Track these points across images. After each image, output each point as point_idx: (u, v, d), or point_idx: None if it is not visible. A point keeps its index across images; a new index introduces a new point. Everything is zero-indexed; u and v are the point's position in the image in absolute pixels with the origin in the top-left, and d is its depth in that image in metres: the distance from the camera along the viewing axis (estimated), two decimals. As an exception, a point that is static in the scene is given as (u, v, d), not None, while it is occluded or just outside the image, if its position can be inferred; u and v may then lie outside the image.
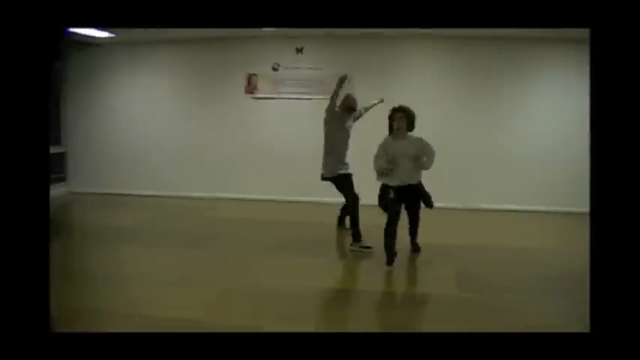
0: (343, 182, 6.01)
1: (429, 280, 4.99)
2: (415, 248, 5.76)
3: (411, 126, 5.36)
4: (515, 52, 8.55)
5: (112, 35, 8.55)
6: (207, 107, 9.38)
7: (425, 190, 5.49)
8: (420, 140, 5.34)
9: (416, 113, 5.48)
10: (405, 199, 5.39)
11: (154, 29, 7.74)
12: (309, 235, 6.44)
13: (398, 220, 5.30)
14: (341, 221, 6.68)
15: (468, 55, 8.65)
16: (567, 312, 4.12)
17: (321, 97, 8.49)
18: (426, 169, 5.35)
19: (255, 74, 9.13)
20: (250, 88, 9.14)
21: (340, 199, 6.23)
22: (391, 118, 5.35)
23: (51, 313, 2.24)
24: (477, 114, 8.71)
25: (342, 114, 6.02)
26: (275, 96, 9.04)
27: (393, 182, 5.29)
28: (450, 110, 8.76)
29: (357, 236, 5.92)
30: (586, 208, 6.90)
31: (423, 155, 5.29)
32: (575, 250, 6.04)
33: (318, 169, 6.13)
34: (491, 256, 5.76)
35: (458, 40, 8.56)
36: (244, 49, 9.07)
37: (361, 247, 5.88)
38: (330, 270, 5.36)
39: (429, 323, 3.98)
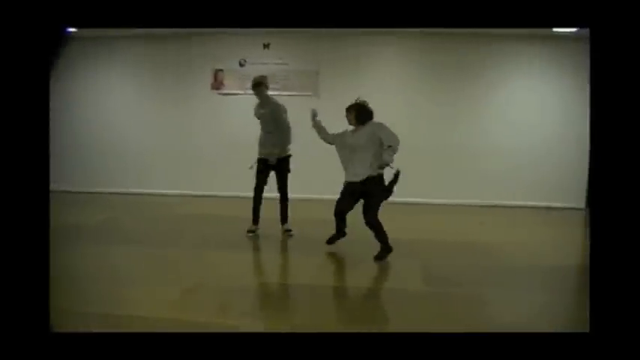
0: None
1: (395, 274, 4.99)
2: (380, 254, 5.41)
3: (360, 118, 5.27)
4: (490, 48, 8.69)
5: (74, 30, 8.24)
6: (174, 103, 9.24)
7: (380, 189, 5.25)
8: (372, 125, 5.23)
9: (384, 107, 5.64)
10: (360, 195, 5.27)
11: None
12: (278, 232, 6.37)
13: (343, 209, 5.33)
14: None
15: (439, 51, 8.73)
16: (532, 304, 4.19)
17: (288, 93, 8.46)
18: (386, 161, 5.07)
19: (221, 70, 9.00)
20: (217, 84, 9.02)
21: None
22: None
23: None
24: (446, 109, 8.82)
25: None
26: (242, 92, 8.92)
27: (348, 177, 5.27)
28: (419, 105, 8.85)
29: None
30: (563, 202, 7.03)
31: (377, 142, 5.14)
32: (545, 243, 6.19)
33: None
34: (458, 251, 5.82)
35: (429, 36, 8.61)
36: (211, 44, 8.97)
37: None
38: (296, 266, 5.33)
39: (398, 318, 3.95)
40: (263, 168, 6.14)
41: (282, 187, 6.20)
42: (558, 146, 8.57)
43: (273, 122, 6.03)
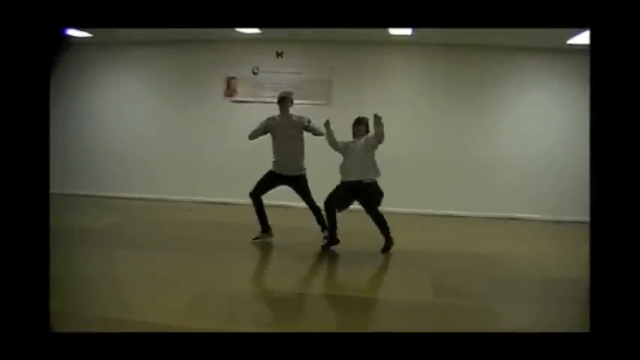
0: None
1: (405, 285, 4.97)
2: (386, 246, 5.93)
3: (368, 130, 6.01)
4: (497, 60, 8.67)
5: (89, 35, 8.38)
6: (186, 109, 9.30)
7: (378, 191, 5.84)
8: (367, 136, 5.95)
9: (394, 117, 6.38)
10: (357, 196, 5.85)
11: (132, 30, 7.62)
12: (285, 239, 6.39)
13: (336, 205, 5.86)
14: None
15: (450, 62, 8.74)
16: (541, 316, 4.16)
17: (301, 101, 8.49)
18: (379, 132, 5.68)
19: (234, 77, 9.07)
20: (230, 91, 9.10)
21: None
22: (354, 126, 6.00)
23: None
24: (456, 121, 8.79)
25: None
26: (254, 100, 8.98)
27: (347, 177, 5.82)
28: (429, 115, 8.83)
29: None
30: (573, 216, 6.96)
31: (374, 142, 5.81)
32: (553, 256, 6.14)
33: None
34: (467, 263, 5.78)
35: (440, 47, 8.62)
36: (224, 52, 9.03)
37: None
38: (306, 274, 5.33)
39: (406, 328, 3.92)
40: (271, 180, 6.24)
41: (307, 200, 6.24)
42: (568, 159, 8.43)
43: (294, 137, 6.14)
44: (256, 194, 6.23)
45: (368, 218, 5.88)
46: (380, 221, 5.88)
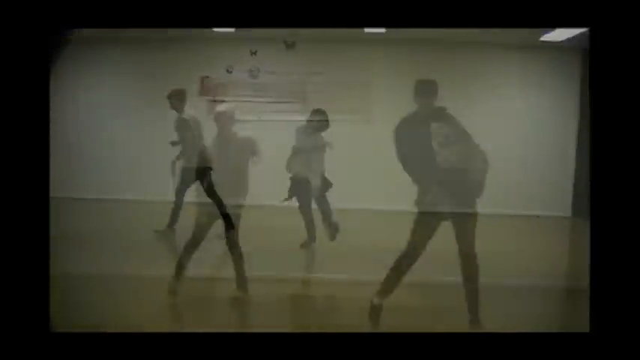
0: None
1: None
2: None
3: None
4: (467, 56, 8.75)
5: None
6: (159, 108, 9.10)
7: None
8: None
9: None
10: None
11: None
12: (280, 241, 6.32)
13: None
14: None
15: (428, 58, 8.72)
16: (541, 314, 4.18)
17: (275, 100, 8.43)
18: None
19: (207, 76, 8.95)
20: (204, 90, 8.95)
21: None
22: None
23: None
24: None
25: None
26: (228, 99, 8.85)
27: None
28: (399, 114, 8.81)
29: None
30: (549, 211, 6.95)
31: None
32: (539, 253, 6.17)
33: (275, 174, 6.10)
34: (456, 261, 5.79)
35: (415, 44, 8.63)
36: (198, 50, 8.91)
37: None
38: (302, 273, 5.30)
39: (400, 328, 3.90)
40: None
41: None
42: (542, 155, 8.56)
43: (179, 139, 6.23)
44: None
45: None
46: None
